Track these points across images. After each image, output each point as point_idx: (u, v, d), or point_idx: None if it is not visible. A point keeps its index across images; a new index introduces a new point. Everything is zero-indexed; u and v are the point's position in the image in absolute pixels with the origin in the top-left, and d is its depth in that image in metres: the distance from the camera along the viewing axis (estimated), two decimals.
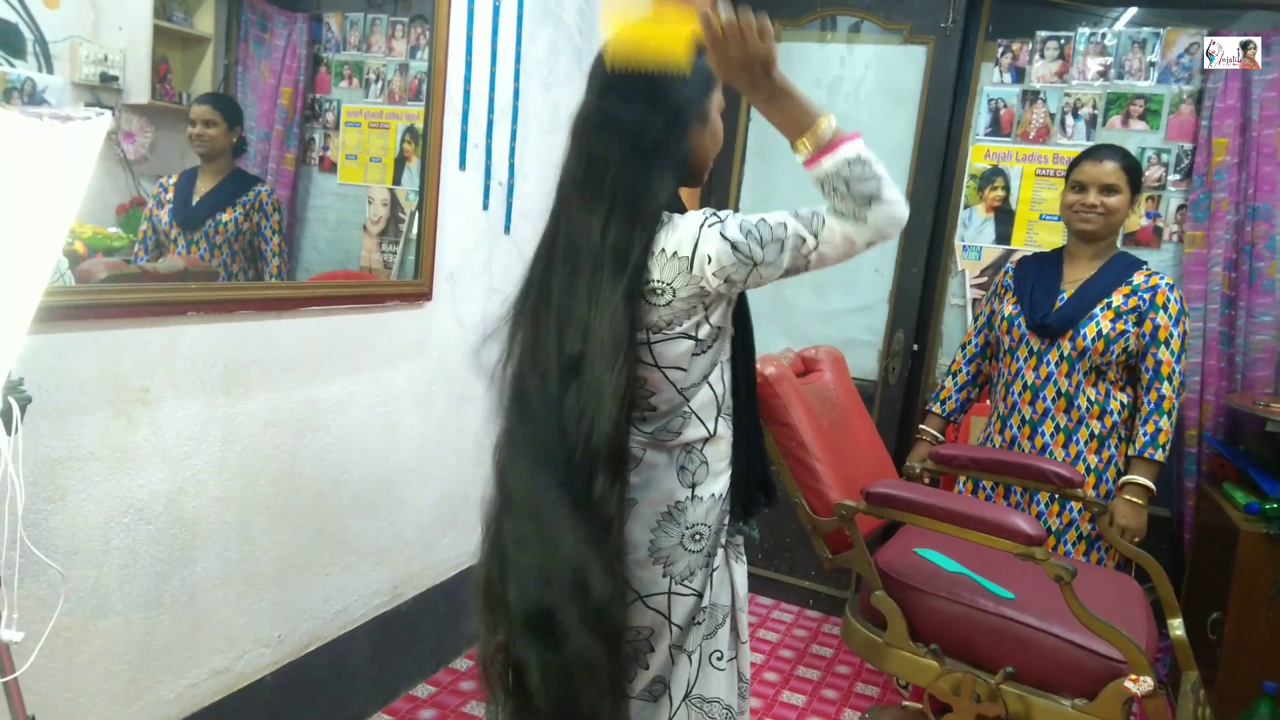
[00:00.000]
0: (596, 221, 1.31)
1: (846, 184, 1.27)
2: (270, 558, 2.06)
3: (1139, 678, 1.59)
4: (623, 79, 1.33)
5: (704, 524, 1.42)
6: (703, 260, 1.30)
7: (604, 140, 1.33)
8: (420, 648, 2.63)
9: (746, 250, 1.29)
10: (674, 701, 1.46)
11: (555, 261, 1.36)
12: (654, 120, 1.33)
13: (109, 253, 1.67)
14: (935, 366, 3.28)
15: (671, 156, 1.35)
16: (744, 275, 1.31)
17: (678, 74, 1.33)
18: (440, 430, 2.56)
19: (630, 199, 1.31)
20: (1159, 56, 2.91)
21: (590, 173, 1.34)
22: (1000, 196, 3.12)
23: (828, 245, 1.32)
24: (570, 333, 1.31)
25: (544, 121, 2.83)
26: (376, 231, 2.34)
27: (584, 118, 1.38)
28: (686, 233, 1.31)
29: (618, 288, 1.28)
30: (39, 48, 1.54)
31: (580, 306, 1.31)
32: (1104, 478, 2.39)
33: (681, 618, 1.44)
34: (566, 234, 1.36)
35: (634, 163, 1.32)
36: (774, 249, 1.30)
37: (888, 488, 1.82)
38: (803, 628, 3.30)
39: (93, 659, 1.70)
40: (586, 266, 1.31)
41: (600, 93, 1.36)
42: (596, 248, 1.31)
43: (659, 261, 1.31)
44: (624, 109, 1.33)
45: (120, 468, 1.68)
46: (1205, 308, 2.80)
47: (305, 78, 2.14)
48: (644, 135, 1.32)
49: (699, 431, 1.41)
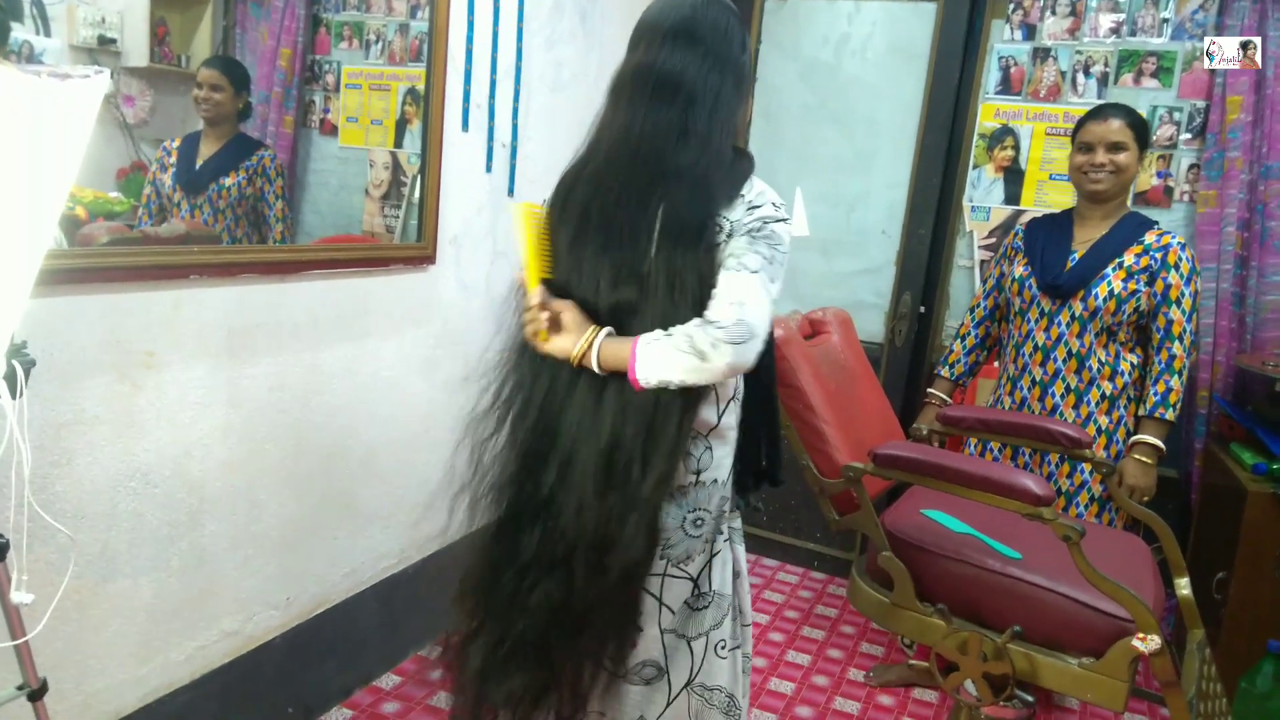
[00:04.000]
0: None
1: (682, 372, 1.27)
2: (278, 521, 2.07)
3: (1146, 636, 1.59)
4: (689, 39, 1.35)
5: (706, 509, 1.42)
6: (745, 212, 1.34)
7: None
8: (428, 609, 2.64)
9: (757, 232, 1.33)
10: (673, 688, 1.46)
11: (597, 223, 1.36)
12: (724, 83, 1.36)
13: (110, 217, 1.66)
14: (942, 328, 3.26)
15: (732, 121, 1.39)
16: (729, 237, 1.33)
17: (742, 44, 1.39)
18: (445, 394, 2.56)
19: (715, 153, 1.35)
20: (1172, 13, 2.86)
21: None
22: (1010, 156, 3.09)
23: (758, 306, 1.30)
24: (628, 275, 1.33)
25: (548, 81, 2.80)
26: (379, 195, 2.32)
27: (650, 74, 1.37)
28: (764, 195, 1.38)
29: (691, 233, 1.31)
30: (36, 9, 1.52)
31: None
32: (1114, 438, 2.38)
33: (673, 600, 1.43)
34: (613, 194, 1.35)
35: (713, 122, 1.35)
36: (764, 251, 1.33)
37: (895, 449, 1.82)
38: (808, 589, 3.32)
39: (102, 622, 1.71)
40: (642, 223, 1.32)
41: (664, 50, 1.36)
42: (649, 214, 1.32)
43: (737, 205, 1.36)
44: (694, 69, 1.35)
45: (126, 432, 1.68)
46: (1218, 268, 2.77)
47: (304, 39, 2.11)
48: (718, 95, 1.35)
49: (710, 413, 1.40)
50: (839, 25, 3.30)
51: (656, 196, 1.30)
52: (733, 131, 1.39)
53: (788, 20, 3.37)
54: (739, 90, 1.39)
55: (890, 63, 3.24)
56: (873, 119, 3.30)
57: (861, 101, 3.31)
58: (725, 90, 1.35)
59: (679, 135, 1.31)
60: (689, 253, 1.28)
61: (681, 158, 1.31)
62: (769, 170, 3.50)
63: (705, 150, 1.32)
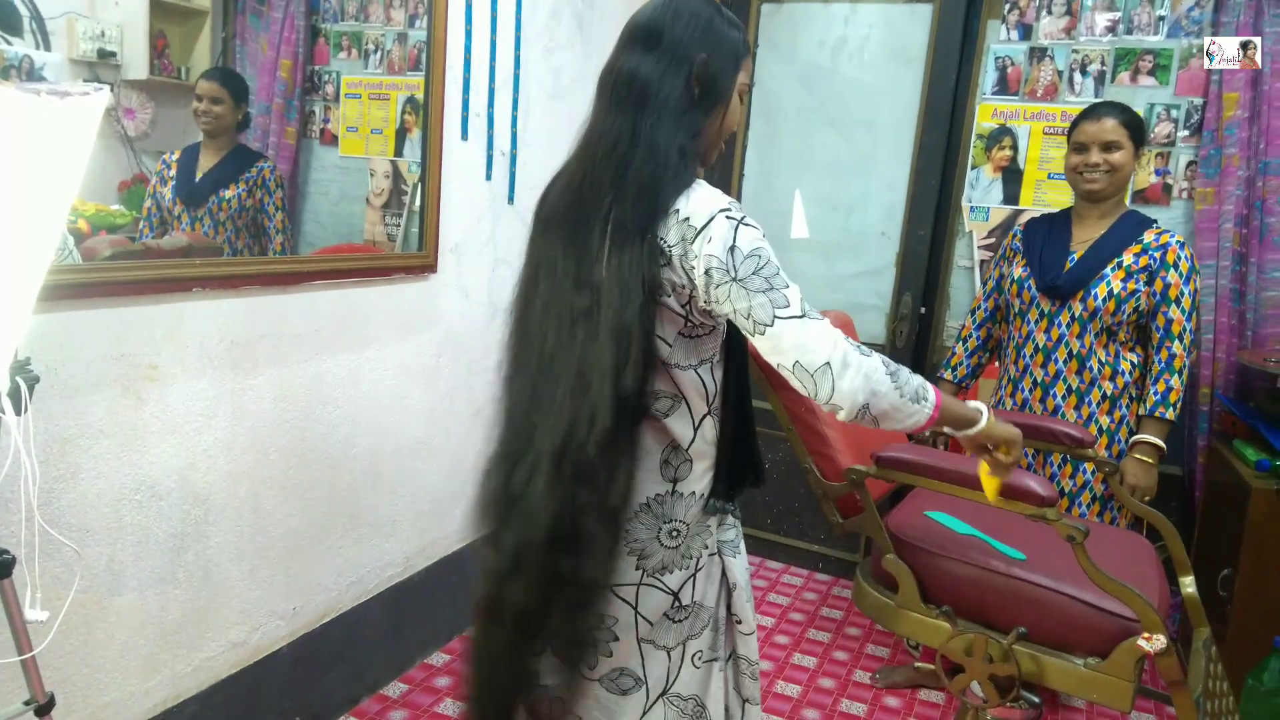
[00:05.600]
0: (608, 184, 1.28)
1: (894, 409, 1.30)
2: (283, 531, 2.07)
3: (1152, 636, 1.59)
4: (646, 40, 1.31)
5: (682, 521, 1.39)
6: (703, 243, 1.23)
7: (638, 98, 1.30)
8: (434, 617, 2.65)
9: (735, 263, 1.22)
10: (650, 695, 1.46)
11: (564, 221, 1.34)
12: (675, 84, 1.29)
13: (112, 230, 1.67)
14: (943, 329, 3.26)
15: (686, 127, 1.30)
16: (711, 285, 1.24)
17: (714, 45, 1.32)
18: (448, 402, 2.56)
19: (657, 162, 1.27)
20: (1168, 10, 2.86)
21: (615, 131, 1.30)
22: (1008, 156, 3.09)
23: (809, 335, 1.23)
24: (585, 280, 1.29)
25: (546, 89, 2.81)
26: (379, 204, 2.33)
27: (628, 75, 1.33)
28: (702, 206, 1.25)
29: (635, 239, 1.25)
30: (36, 24, 1.52)
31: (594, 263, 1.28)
32: (1116, 438, 2.38)
33: (650, 611, 1.41)
34: (576, 199, 1.33)
35: (660, 125, 1.28)
36: (758, 282, 1.23)
37: (898, 452, 1.82)
38: (813, 591, 3.32)
39: (109, 635, 1.71)
40: (597, 226, 1.28)
41: (623, 52, 1.33)
42: (606, 211, 1.28)
43: (669, 222, 1.26)
44: (647, 70, 1.29)
45: (130, 445, 1.69)
46: (1217, 264, 2.77)
47: (304, 49, 2.12)
48: (669, 98, 1.28)
49: (685, 429, 1.36)
50: (835, 28, 3.30)
51: (608, 201, 1.27)
52: (696, 135, 1.32)
53: (784, 24, 3.37)
54: (707, 94, 1.32)
55: (887, 65, 3.25)
56: (870, 121, 3.30)
57: (859, 104, 3.31)
58: (677, 94, 1.29)
59: (629, 140, 1.28)
60: (634, 261, 1.24)
61: (631, 163, 1.27)
62: (768, 174, 3.52)
63: (652, 155, 1.27)
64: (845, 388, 1.22)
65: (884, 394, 1.25)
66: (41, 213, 1.06)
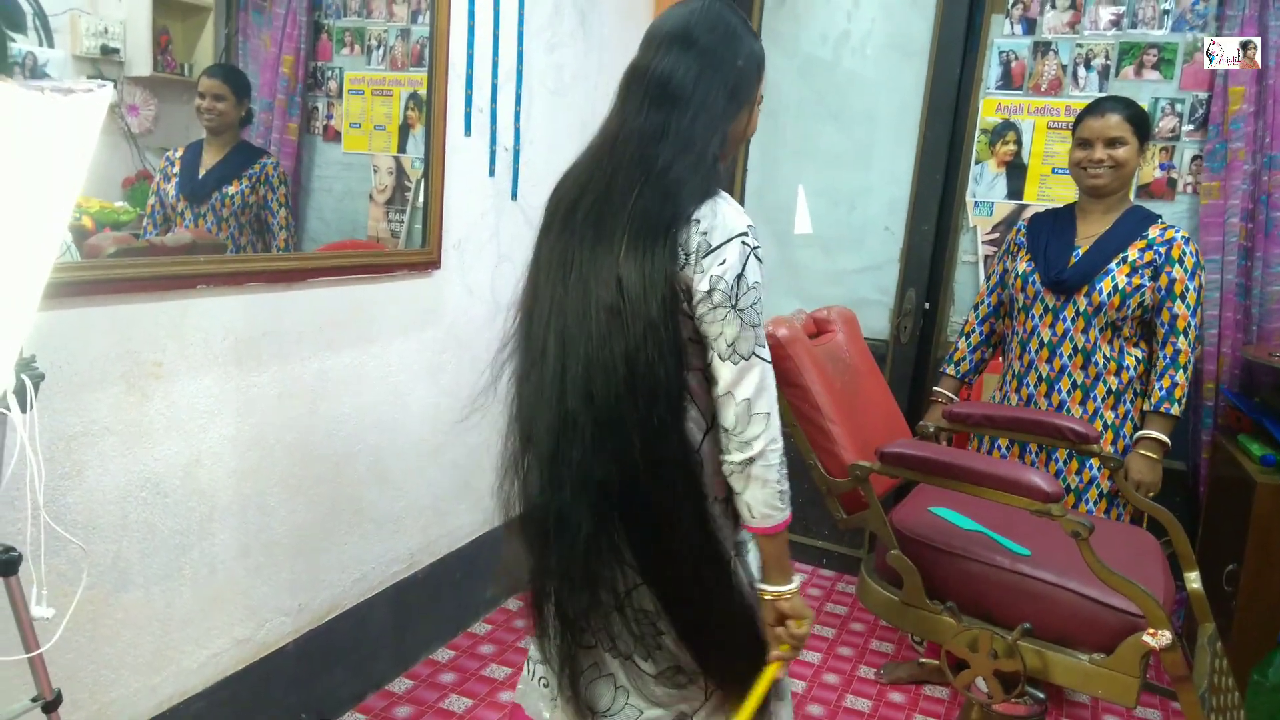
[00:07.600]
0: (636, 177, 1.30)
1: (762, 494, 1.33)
2: (288, 528, 2.07)
3: (1157, 631, 1.59)
4: (682, 43, 1.34)
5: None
6: (714, 261, 1.27)
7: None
8: (439, 613, 2.66)
9: (739, 291, 1.28)
10: (707, 692, 1.47)
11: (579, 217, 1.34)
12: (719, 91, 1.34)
13: (116, 227, 1.67)
14: (947, 324, 3.26)
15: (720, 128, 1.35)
16: (710, 304, 1.28)
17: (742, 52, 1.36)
18: (452, 399, 2.56)
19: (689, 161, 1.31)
20: (1173, 4, 2.85)
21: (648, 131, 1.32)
22: (1012, 151, 3.08)
23: (769, 381, 1.32)
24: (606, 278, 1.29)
25: (549, 84, 2.80)
26: (383, 200, 2.33)
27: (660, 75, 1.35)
28: (724, 224, 1.29)
29: (659, 236, 1.27)
30: (39, 21, 1.52)
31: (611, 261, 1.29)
32: (1121, 433, 2.38)
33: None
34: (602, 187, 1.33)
35: (695, 126, 1.32)
36: (751, 315, 1.30)
37: (902, 447, 1.81)
38: (817, 586, 3.32)
39: (116, 632, 1.71)
40: (621, 222, 1.29)
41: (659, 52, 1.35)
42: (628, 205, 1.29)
43: (688, 230, 1.28)
44: (683, 72, 1.33)
45: (135, 442, 1.69)
46: (1222, 259, 2.77)
47: (306, 45, 2.12)
48: (705, 101, 1.33)
49: (695, 430, 1.37)
50: (838, 22, 3.29)
51: (634, 197, 1.29)
52: (723, 139, 1.36)
53: (787, 17, 3.37)
54: (734, 98, 1.37)
55: (890, 59, 3.24)
56: (873, 115, 3.30)
57: (861, 97, 3.31)
58: (714, 96, 1.33)
59: (659, 137, 1.30)
60: (658, 258, 1.26)
61: (660, 159, 1.29)
62: (770, 167, 3.52)
63: (683, 153, 1.30)
64: (764, 439, 1.31)
65: (775, 465, 1.33)
66: (46, 210, 1.06)
